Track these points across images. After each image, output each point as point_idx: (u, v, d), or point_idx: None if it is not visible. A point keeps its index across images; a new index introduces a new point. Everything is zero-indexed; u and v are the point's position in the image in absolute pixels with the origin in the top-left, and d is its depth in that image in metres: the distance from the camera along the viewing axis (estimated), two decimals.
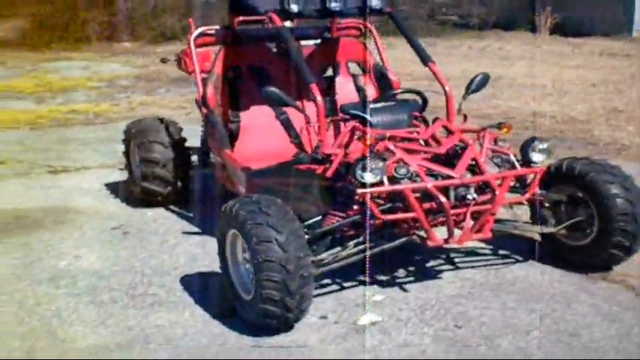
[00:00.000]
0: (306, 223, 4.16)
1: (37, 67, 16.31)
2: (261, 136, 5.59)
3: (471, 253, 5.01)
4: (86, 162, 7.95)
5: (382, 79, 6.08)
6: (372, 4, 5.22)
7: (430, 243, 4.16)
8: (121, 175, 6.87)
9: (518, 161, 4.42)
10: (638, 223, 4.42)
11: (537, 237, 4.83)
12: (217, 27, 6.11)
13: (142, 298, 4.46)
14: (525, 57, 16.33)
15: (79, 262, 5.06)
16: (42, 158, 8.16)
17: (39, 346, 3.87)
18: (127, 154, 6.43)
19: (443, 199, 4.04)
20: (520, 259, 4.88)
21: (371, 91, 6.05)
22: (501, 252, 5.01)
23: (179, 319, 4.16)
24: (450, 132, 4.64)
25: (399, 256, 4.61)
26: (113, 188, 6.83)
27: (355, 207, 4.18)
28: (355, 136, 4.52)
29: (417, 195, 4.11)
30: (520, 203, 4.64)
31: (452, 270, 4.74)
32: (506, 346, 3.76)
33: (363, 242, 4.20)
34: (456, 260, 4.89)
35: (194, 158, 6.44)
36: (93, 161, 7.95)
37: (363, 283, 4.40)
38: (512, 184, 4.48)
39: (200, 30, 6.00)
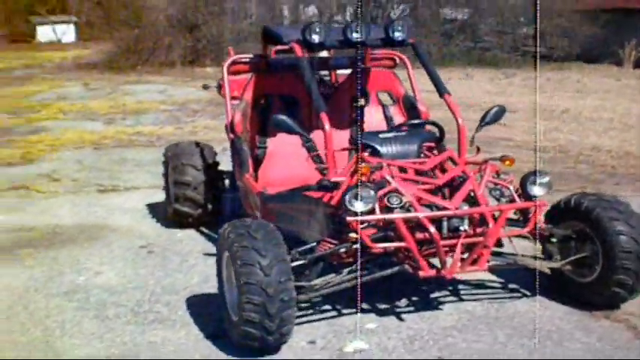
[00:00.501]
0: (300, 249, 4.23)
1: (117, 90, 16.98)
2: (286, 162, 5.70)
3: (479, 285, 4.98)
4: (136, 182, 8.24)
5: (411, 110, 6.11)
6: (394, 36, 5.28)
7: (421, 273, 4.17)
8: (163, 196, 7.09)
9: (519, 195, 4.39)
10: None
11: (548, 272, 4.74)
12: (251, 55, 6.28)
13: (145, 315, 4.61)
14: (601, 90, 16.00)
15: (97, 277, 5.27)
16: (95, 177, 8.51)
17: (32, 356, 4.04)
18: (165, 176, 6.65)
19: (432, 229, 4.04)
20: (528, 293, 4.81)
21: (399, 121, 6.07)
22: (511, 286, 4.96)
23: (173, 336, 4.28)
24: (454, 163, 4.64)
25: (405, 284, 4.66)
26: (153, 209, 7.05)
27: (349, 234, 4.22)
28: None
29: (411, 225, 4.13)
30: (521, 237, 4.56)
31: (454, 301, 4.73)
32: None
33: (356, 270, 4.25)
34: (462, 292, 4.87)
35: (227, 182, 6.59)
36: (143, 182, 8.22)
37: (363, 310, 4.44)
38: (514, 217, 4.44)
39: (234, 58, 6.18)
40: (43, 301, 4.85)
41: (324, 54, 6.73)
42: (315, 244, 4.33)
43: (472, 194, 4.32)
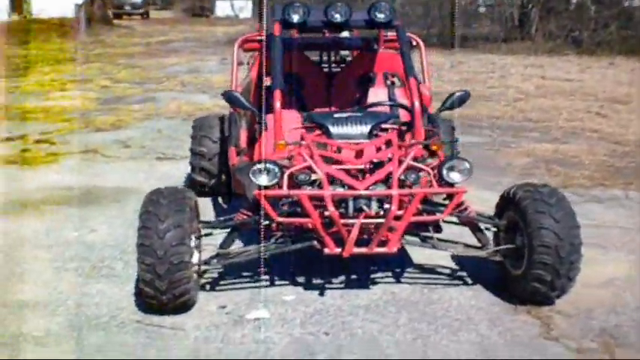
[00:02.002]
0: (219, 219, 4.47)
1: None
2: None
3: (429, 270, 4.96)
4: None
5: None
6: (377, 17, 5.33)
7: (326, 250, 4.26)
8: None
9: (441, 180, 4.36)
10: (563, 257, 4.16)
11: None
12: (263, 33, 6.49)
13: (100, 269, 5.00)
14: None
15: (88, 235, 5.73)
16: (163, 146, 9.07)
17: None
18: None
19: (331, 208, 4.12)
20: (470, 282, 4.75)
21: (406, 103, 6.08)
22: (460, 273, 4.90)
23: (108, 290, 4.64)
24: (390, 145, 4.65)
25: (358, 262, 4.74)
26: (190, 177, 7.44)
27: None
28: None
29: (318, 202, 4.22)
30: (434, 222, 4.51)
31: (390, 282, 4.75)
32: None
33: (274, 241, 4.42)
34: (407, 274, 4.88)
35: None
36: None
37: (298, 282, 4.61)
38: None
39: (246, 36, 6.44)
40: (25, 251, 5.36)
41: (345, 34, 6.83)
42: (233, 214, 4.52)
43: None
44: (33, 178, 7.53)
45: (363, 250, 4.25)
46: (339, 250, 4.23)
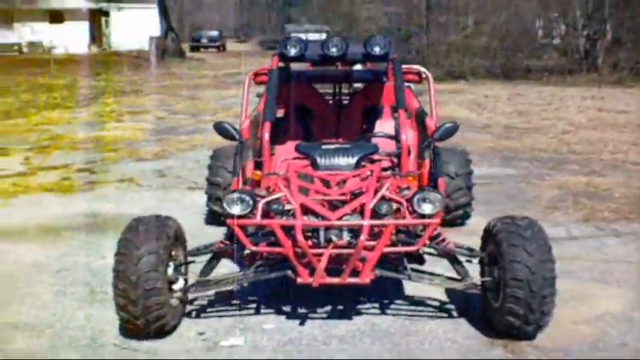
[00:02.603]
0: (197, 247, 4.59)
1: None
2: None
3: (417, 302, 4.94)
4: None
5: (422, 124, 6.14)
6: (373, 50, 5.41)
7: (298, 280, 4.31)
8: None
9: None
10: (535, 291, 4.10)
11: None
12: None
13: (96, 295, 5.17)
14: None
15: (98, 261, 5.90)
16: (197, 176, 9.22)
17: None
18: None
19: (300, 237, 4.17)
20: (455, 315, 4.73)
21: (411, 135, 6.12)
22: (449, 306, 4.88)
23: (96, 313, 4.79)
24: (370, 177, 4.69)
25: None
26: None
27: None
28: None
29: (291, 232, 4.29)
30: (408, 254, 4.49)
31: (376, 314, 4.75)
32: None
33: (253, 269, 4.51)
34: (393, 306, 4.88)
35: None
36: None
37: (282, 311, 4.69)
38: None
39: (258, 69, 6.60)
40: (34, 275, 5.58)
41: (358, 67, 6.93)
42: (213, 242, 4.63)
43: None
44: (64, 205, 7.81)
45: (335, 280, 4.28)
46: (311, 279, 4.27)
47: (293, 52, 5.45)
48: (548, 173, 9.32)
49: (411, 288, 5.08)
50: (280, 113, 6.38)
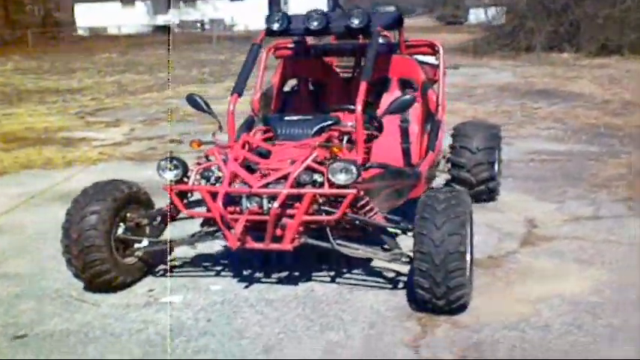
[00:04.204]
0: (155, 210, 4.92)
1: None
2: None
3: (379, 273, 4.99)
4: None
5: (426, 96, 6.11)
6: (352, 23, 5.45)
7: (228, 243, 4.53)
8: None
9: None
10: (437, 265, 4.07)
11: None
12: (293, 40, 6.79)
13: None
14: None
15: None
16: None
17: None
18: None
19: (218, 203, 4.38)
20: (401, 286, 4.75)
21: (416, 109, 6.10)
22: (403, 277, 4.89)
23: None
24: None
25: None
26: None
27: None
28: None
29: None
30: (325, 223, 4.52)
31: (326, 282, 4.85)
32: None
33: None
34: (354, 275, 4.96)
35: None
36: None
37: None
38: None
39: (277, 42, 6.78)
40: (40, 237, 6.10)
41: (381, 40, 6.90)
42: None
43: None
44: (132, 171, 8.38)
45: (259, 245, 4.46)
46: (238, 243, 4.47)
47: (276, 26, 5.57)
48: (629, 152, 8.78)
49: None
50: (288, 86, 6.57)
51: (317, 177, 4.48)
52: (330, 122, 5.08)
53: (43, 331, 4.27)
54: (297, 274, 5.00)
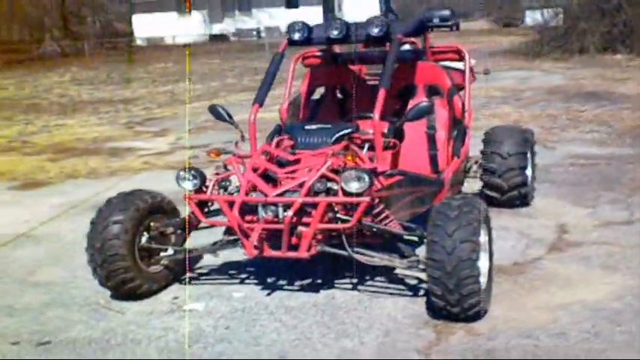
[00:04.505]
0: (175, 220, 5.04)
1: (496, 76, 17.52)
2: None
3: (400, 280, 5.00)
4: None
5: (452, 103, 6.13)
6: (371, 32, 5.50)
7: (245, 252, 4.61)
8: None
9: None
10: (449, 272, 4.08)
11: None
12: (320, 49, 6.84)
13: None
14: None
15: None
16: None
17: None
18: None
19: (235, 212, 4.47)
20: (421, 294, 4.76)
21: (443, 115, 6.12)
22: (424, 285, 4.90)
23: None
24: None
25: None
26: None
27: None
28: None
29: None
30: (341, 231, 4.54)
31: (347, 289, 4.89)
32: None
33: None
34: (376, 282, 4.98)
35: None
36: None
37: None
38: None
39: (304, 51, 6.85)
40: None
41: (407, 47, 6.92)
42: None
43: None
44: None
45: (277, 253, 4.53)
46: (256, 252, 4.55)
47: (297, 36, 5.64)
48: None
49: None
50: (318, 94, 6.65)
51: (332, 185, 4.52)
52: (349, 130, 5.12)
53: (66, 337, 4.41)
54: (319, 281, 5.04)
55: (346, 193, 4.42)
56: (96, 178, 8.96)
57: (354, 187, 4.38)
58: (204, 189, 4.76)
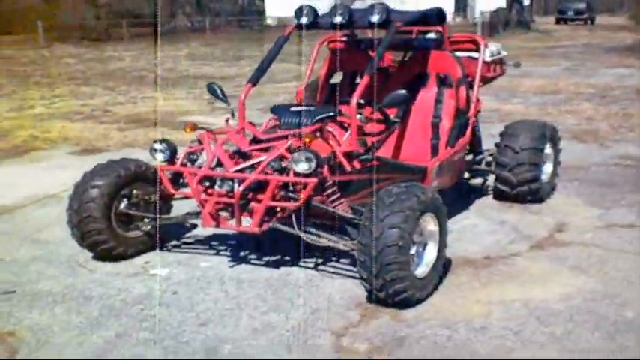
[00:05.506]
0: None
1: (594, 73, 16.94)
2: None
3: None
4: None
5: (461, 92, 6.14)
6: (370, 18, 5.59)
7: (202, 224, 4.84)
8: None
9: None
10: (374, 257, 4.16)
11: None
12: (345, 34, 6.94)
13: None
14: None
15: None
16: None
17: None
18: None
19: (193, 184, 4.71)
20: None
21: (450, 105, 6.13)
22: None
23: None
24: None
25: None
26: None
27: None
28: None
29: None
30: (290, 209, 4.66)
31: (309, 268, 5.03)
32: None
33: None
34: (342, 264, 5.09)
35: None
36: None
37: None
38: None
39: (329, 36, 6.98)
40: None
41: (432, 35, 6.91)
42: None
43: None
44: None
45: (230, 227, 4.75)
46: (213, 223, 4.77)
47: (304, 20, 5.79)
48: None
49: None
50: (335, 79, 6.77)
51: (287, 165, 4.67)
52: (330, 114, 5.23)
53: (32, 289, 4.78)
54: (287, 258, 5.19)
55: (296, 174, 4.55)
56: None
57: (302, 167, 4.51)
58: (176, 161, 5.00)
